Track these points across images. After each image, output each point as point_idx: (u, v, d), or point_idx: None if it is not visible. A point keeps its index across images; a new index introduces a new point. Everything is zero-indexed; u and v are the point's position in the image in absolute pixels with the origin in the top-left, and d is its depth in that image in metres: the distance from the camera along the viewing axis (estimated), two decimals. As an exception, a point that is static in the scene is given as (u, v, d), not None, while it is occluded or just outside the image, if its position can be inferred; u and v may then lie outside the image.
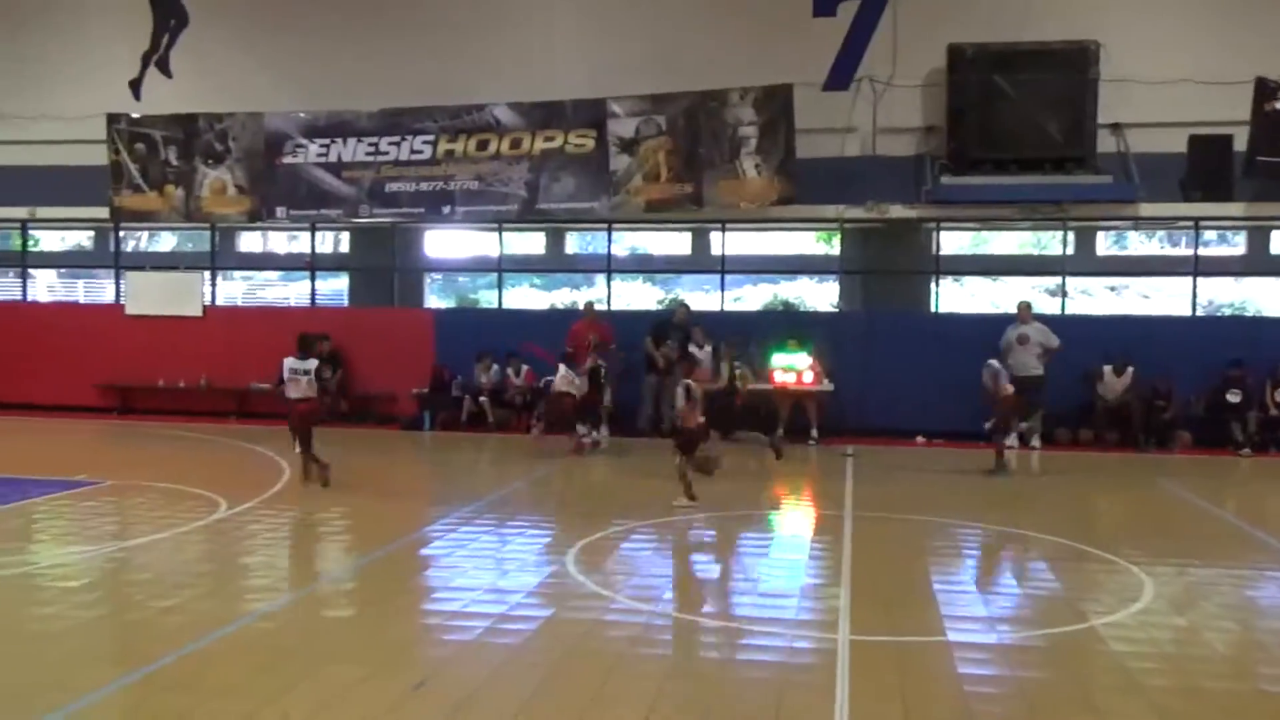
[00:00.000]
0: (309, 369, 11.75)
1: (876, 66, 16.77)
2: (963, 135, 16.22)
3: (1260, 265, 18.62)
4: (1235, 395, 15.22)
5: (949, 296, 18.33)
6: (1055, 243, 17.92)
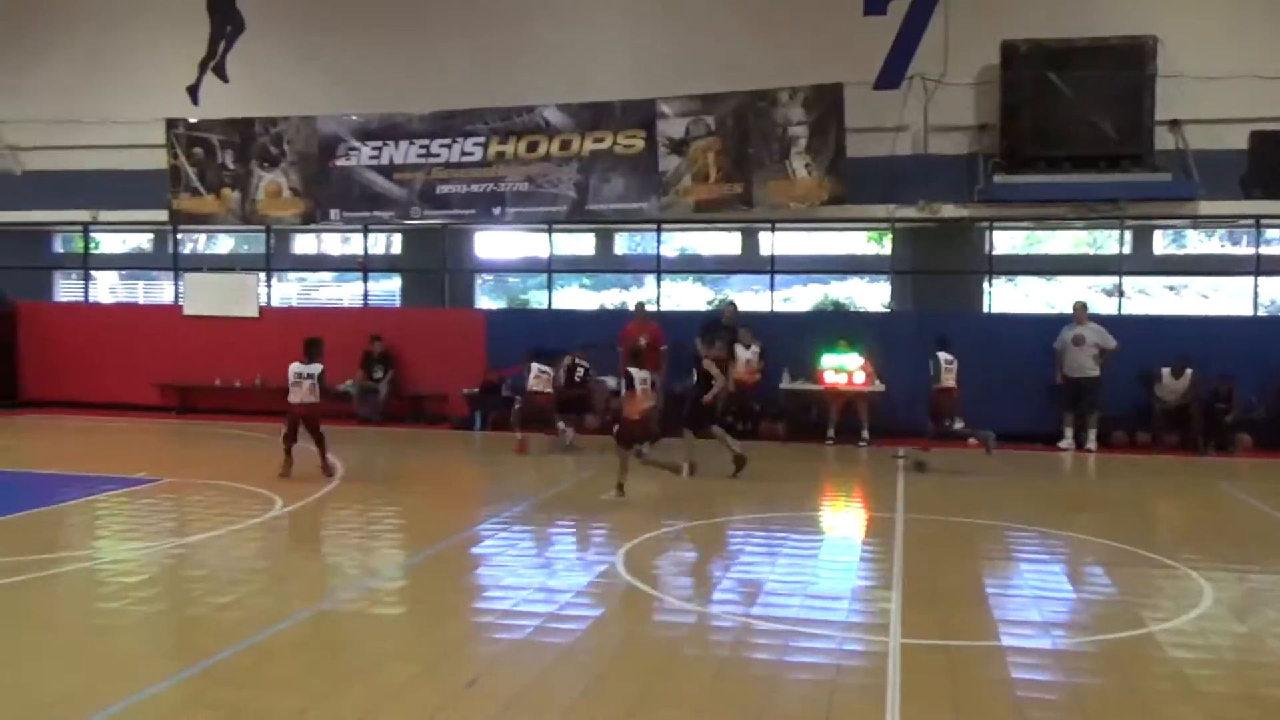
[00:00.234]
0: (312, 373, 11.94)
1: (928, 64, 16.62)
2: (1016, 133, 16.04)
3: (1324, 264, 18.21)
4: (1298, 397, 14.93)
5: (1002, 297, 18.14)
6: (1111, 242, 17.65)
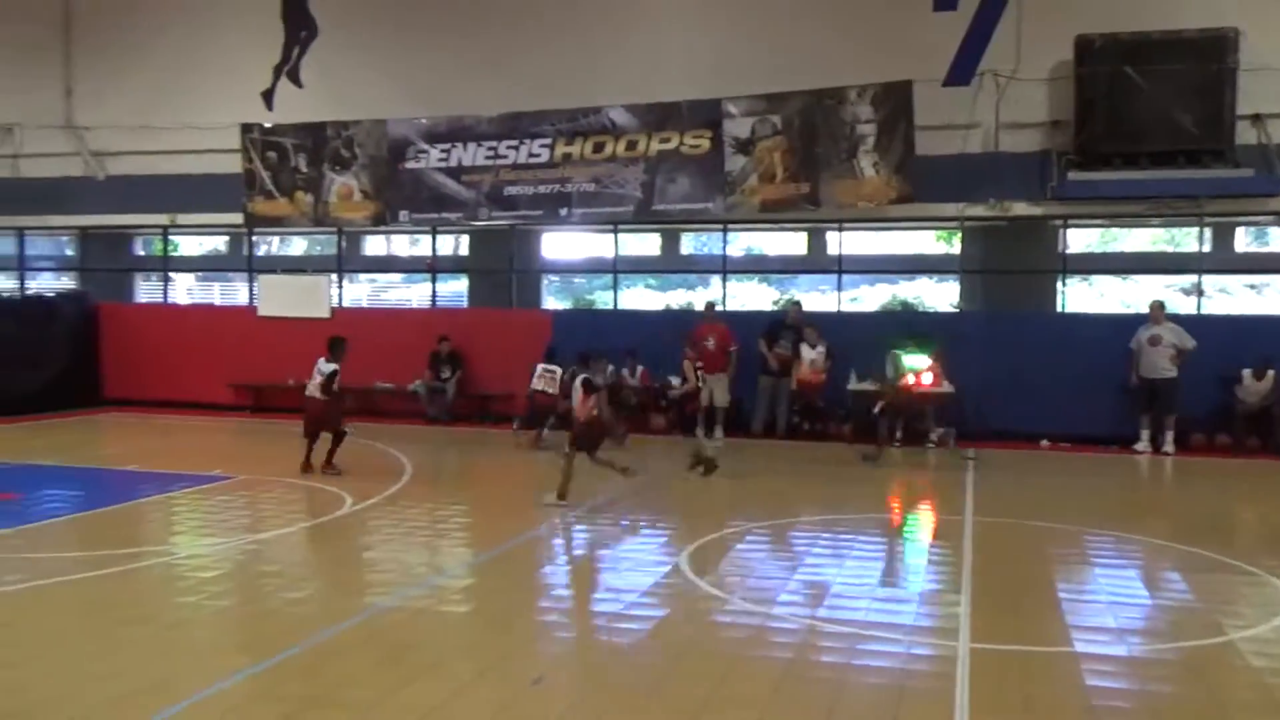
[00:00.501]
0: (323, 371, 12.45)
1: (999, 60, 16.31)
2: (1091, 129, 15.70)
3: None
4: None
5: (1076, 296, 17.77)
6: (1190, 239, 17.20)
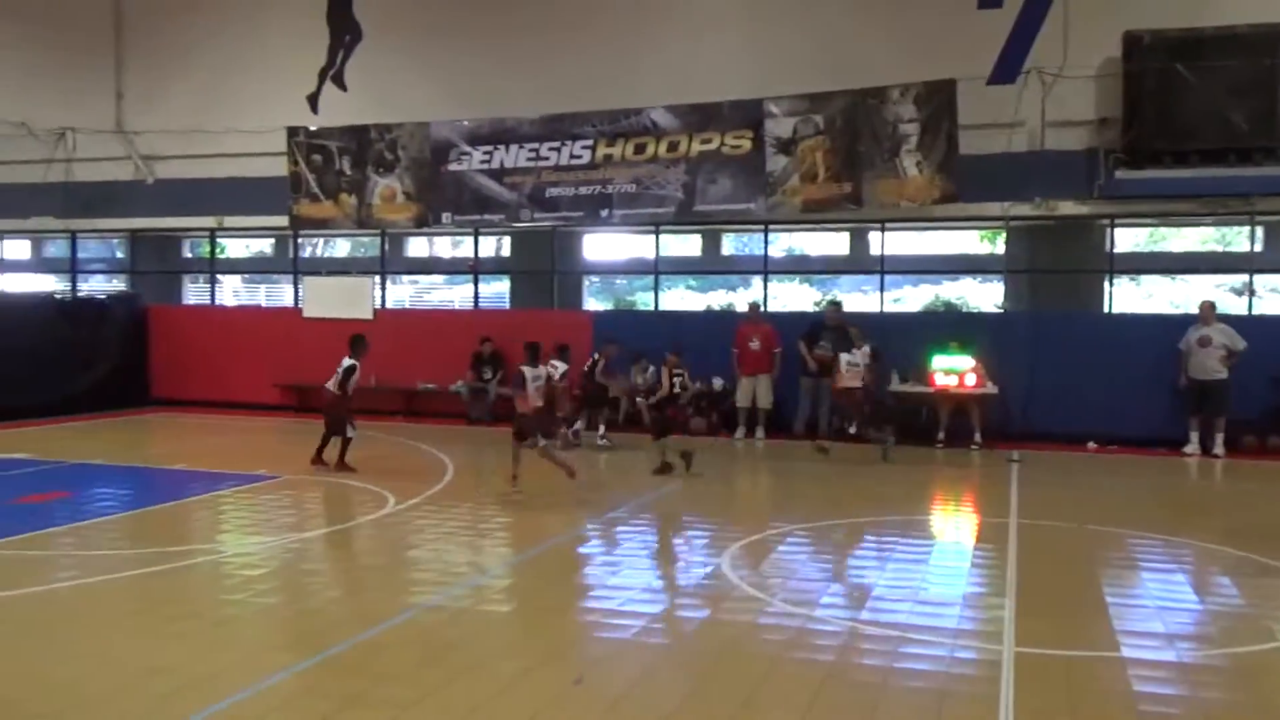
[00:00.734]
0: (340, 368, 12.86)
1: (1045, 57, 16.09)
2: (1140, 126, 15.46)
3: None
4: None
5: (1124, 296, 17.52)
6: (1242, 238, 16.90)
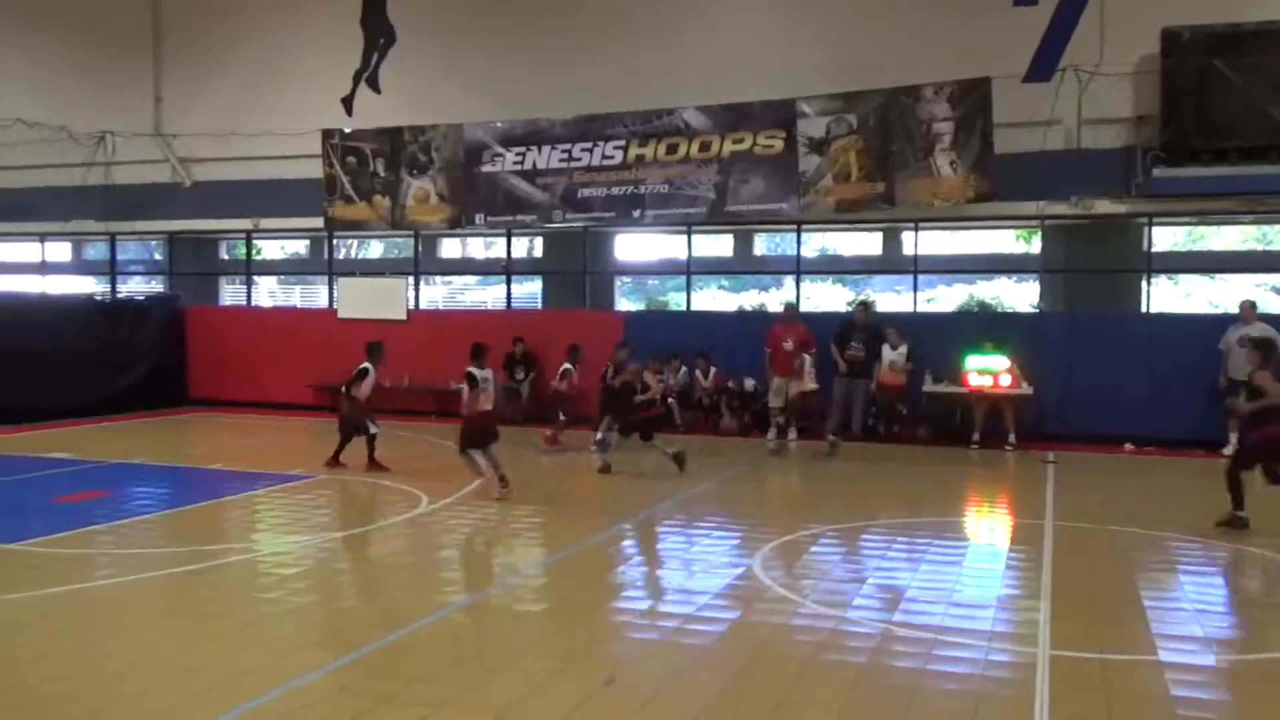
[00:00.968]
0: (354, 371, 13.24)
1: (1082, 55, 15.89)
2: (1178, 124, 15.26)
3: None
4: None
5: (1161, 296, 17.29)
6: (1283, 237, 16.68)
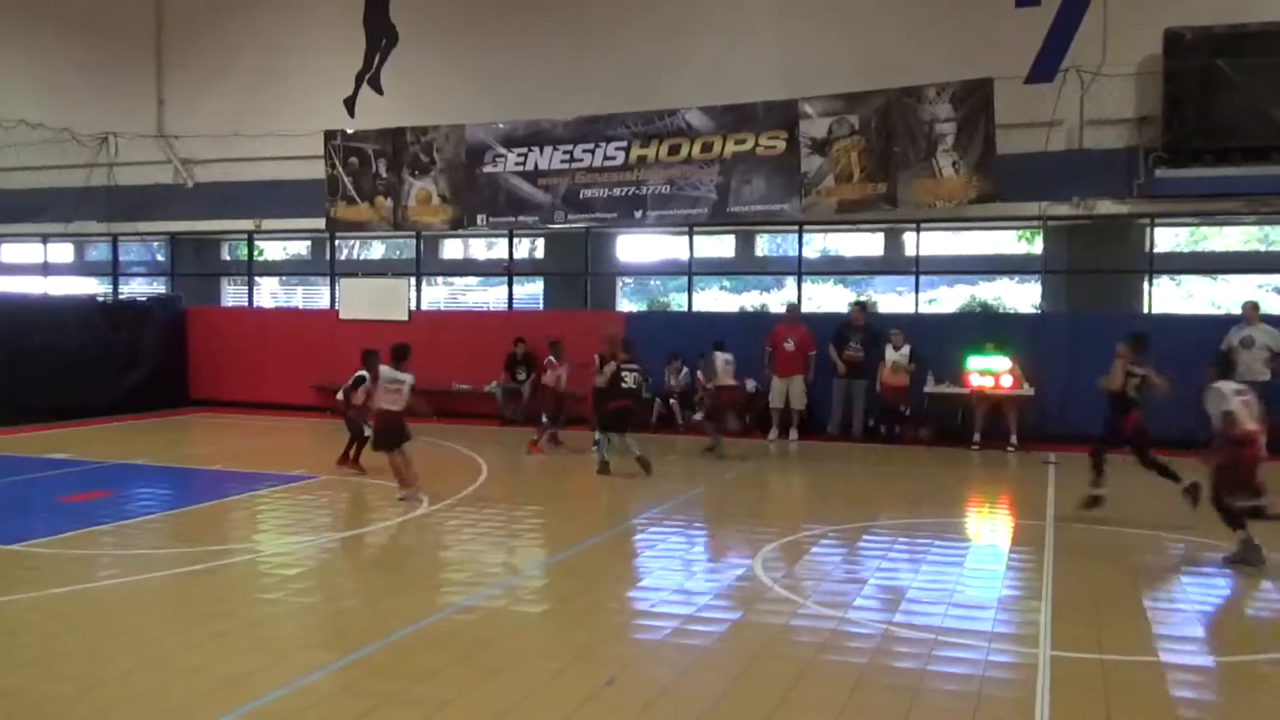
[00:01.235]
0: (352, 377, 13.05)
1: (1084, 55, 15.91)
2: (1181, 124, 15.25)
3: None
4: None
5: (1163, 297, 17.29)
6: (1285, 237, 16.66)
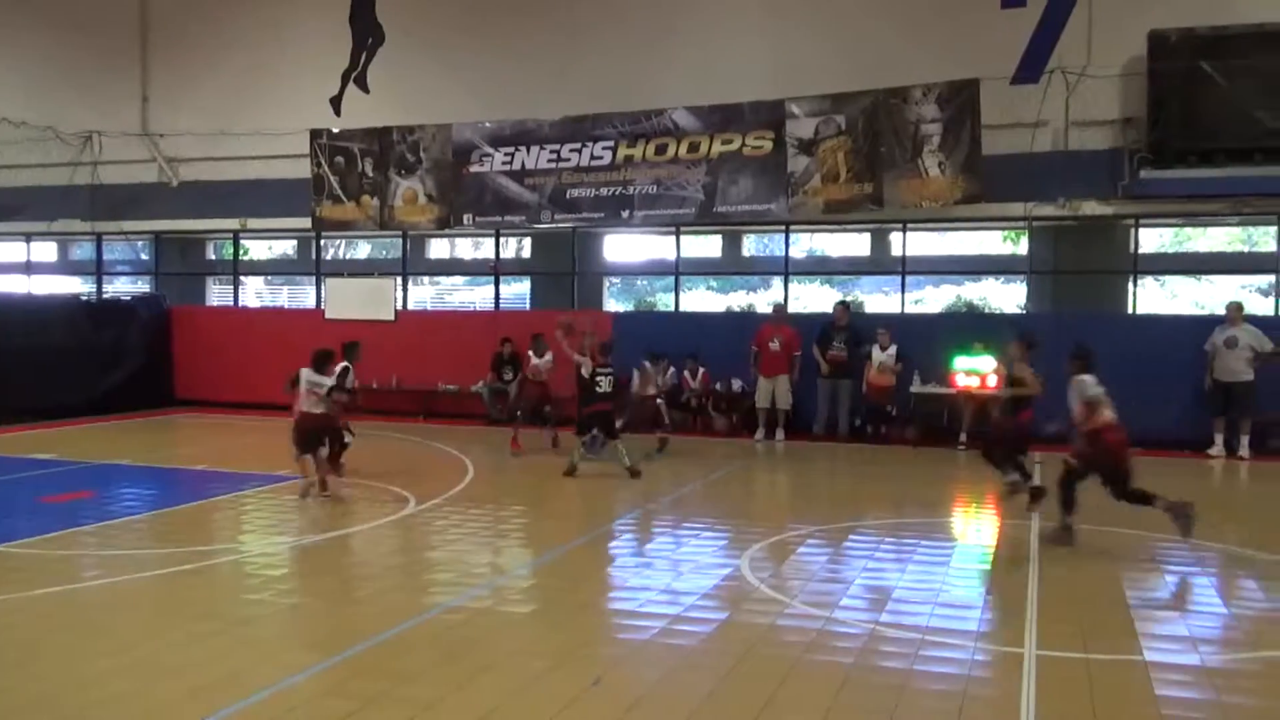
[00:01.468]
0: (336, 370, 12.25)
1: (1069, 57, 16.01)
2: (1165, 126, 15.33)
3: None
4: None
5: (1148, 297, 17.37)
6: (1268, 238, 16.73)
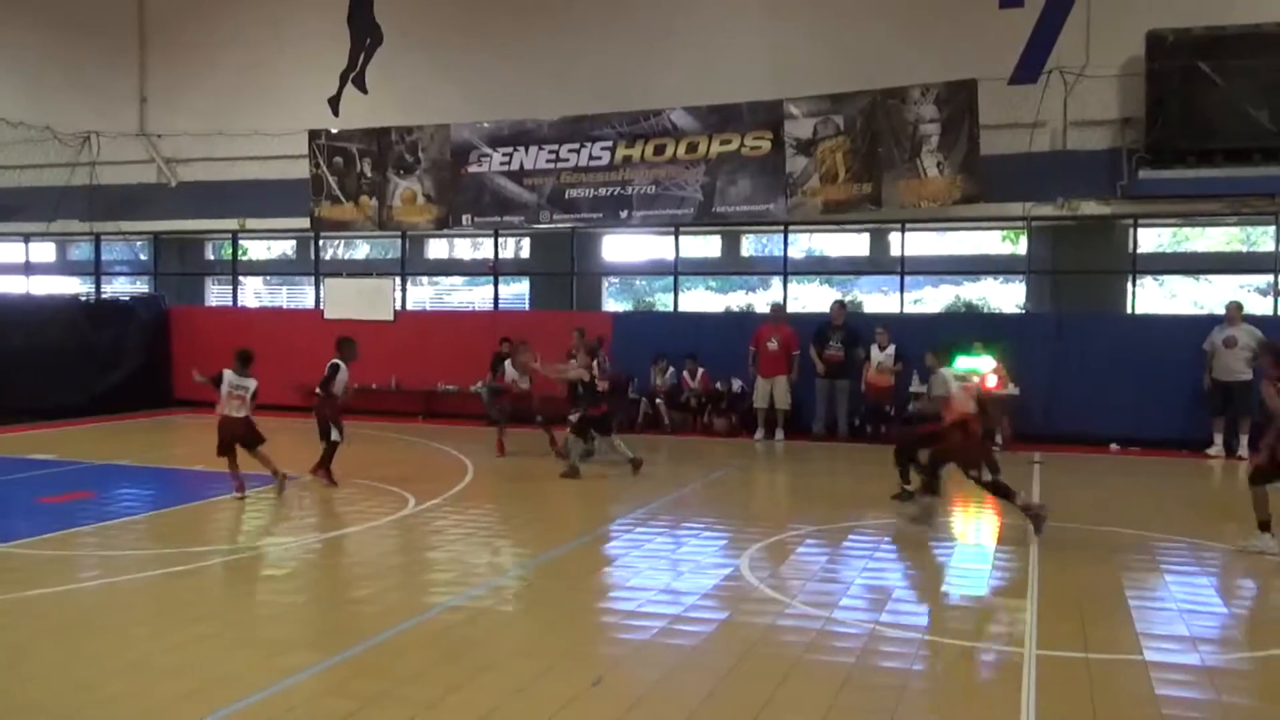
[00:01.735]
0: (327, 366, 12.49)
1: (1067, 57, 16.04)
2: (1163, 126, 15.36)
3: None
4: None
5: (1147, 297, 17.39)
6: (1267, 238, 16.75)
